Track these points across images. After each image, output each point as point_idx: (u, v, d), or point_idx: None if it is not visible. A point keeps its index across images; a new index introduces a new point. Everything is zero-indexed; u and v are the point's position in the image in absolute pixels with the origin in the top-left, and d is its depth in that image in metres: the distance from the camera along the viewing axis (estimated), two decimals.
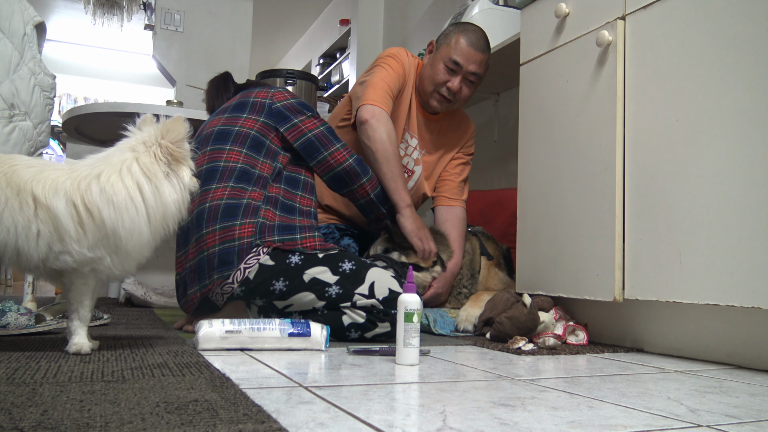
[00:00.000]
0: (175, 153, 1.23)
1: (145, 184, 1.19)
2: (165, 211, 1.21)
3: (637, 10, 1.58)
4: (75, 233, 1.14)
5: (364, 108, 1.97)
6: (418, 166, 2.23)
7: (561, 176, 1.78)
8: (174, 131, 1.24)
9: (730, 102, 1.34)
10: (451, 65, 2.08)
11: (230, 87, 1.93)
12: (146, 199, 1.19)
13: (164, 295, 2.61)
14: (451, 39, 2.11)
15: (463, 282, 2.09)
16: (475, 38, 2.09)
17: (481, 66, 2.11)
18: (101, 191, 1.15)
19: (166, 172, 1.23)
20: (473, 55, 2.08)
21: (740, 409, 0.91)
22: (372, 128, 1.93)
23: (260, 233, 1.56)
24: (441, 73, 2.10)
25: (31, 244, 1.12)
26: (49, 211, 1.12)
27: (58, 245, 1.14)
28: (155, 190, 1.20)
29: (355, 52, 5.06)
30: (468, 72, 2.09)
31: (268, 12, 6.60)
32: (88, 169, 1.18)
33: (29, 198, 1.12)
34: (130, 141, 1.25)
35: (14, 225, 1.11)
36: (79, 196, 1.14)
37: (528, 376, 1.14)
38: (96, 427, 0.66)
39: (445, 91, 2.11)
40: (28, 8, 2.12)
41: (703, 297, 1.36)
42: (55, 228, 1.13)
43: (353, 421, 0.75)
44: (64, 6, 6.37)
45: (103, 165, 1.19)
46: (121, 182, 1.17)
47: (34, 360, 1.10)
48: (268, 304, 1.58)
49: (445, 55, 2.09)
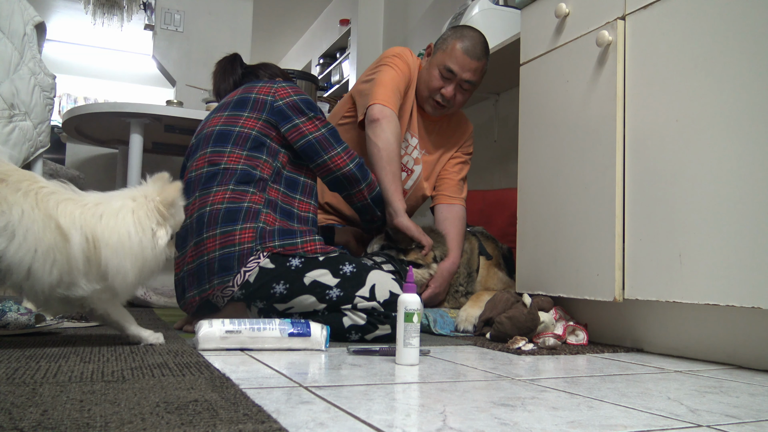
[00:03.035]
0: (161, 213, 1.29)
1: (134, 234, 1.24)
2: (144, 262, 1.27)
3: (637, 10, 1.58)
4: (84, 267, 1.19)
5: (374, 107, 1.97)
6: (417, 165, 2.23)
7: (561, 176, 1.78)
8: (168, 193, 1.30)
9: (730, 102, 1.34)
10: (446, 73, 2.08)
11: (237, 69, 1.91)
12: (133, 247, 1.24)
13: (164, 295, 2.61)
14: (448, 45, 2.10)
15: (459, 280, 2.09)
16: (471, 45, 2.08)
17: (476, 74, 2.11)
18: (103, 230, 1.21)
19: (154, 229, 1.28)
20: (468, 63, 2.07)
21: (740, 409, 0.91)
22: (381, 128, 1.93)
23: (260, 238, 1.56)
24: (436, 79, 2.10)
25: (46, 268, 1.16)
26: (68, 243, 1.17)
27: (67, 276, 1.18)
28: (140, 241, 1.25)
29: (355, 52, 5.06)
30: (462, 80, 2.09)
31: (268, 12, 6.60)
32: (94, 208, 1.23)
33: (53, 225, 1.16)
34: (134, 191, 1.31)
35: (36, 247, 1.14)
36: (90, 231, 1.19)
37: (528, 376, 1.14)
38: (96, 427, 0.66)
39: (439, 97, 2.12)
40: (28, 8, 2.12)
41: (703, 297, 1.36)
42: (68, 259, 1.17)
43: (353, 421, 0.75)
44: (64, 6, 6.37)
45: (105, 206, 1.25)
46: (116, 225, 1.23)
47: (34, 360, 1.10)
48: (269, 306, 1.57)
49: (441, 62, 2.10)
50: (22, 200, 1.15)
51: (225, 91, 1.88)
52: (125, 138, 2.87)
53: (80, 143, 3.41)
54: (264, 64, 1.97)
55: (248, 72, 1.92)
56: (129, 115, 2.67)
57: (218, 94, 1.92)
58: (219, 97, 1.91)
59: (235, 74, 1.90)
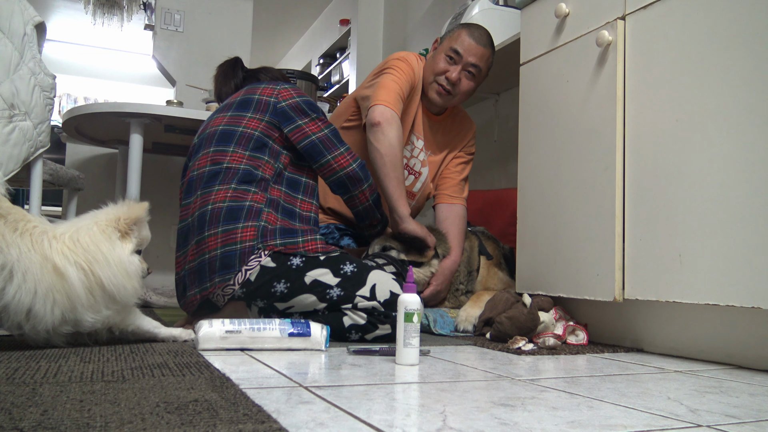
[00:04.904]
0: (122, 228, 1.31)
1: (104, 243, 1.27)
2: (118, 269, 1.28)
3: (637, 10, 1.58)
4: (87, 300, 1.21)
5: (375, 108, 1.95)
6: (425, 167, 2.23)
7: (561, 176, 1.78)
8: (133, 211, 1.33)
9: (730, 102, 1.34)
10: (452, 54, 2.09)
11: (239, 73, 1.92)
12: (107, 256, 1.26)
13: (164, 295, 2.61)
14: (455, 33, 2.13)
15: (459, 279, 2.09)
16: (477, 34, 2.11)
17: (482, 60, 2.11)
18: (92, 254, 1.23)
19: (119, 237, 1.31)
20: (474, 47, 2.08)
21: (740, 409, 0.91)
22: (383, 132, 1.92)
23: (262, 237, 1.56)
24: (441, 62, 2.11)
25: (47, 309, 1.17)
26: (66, 281, 1.18)
27: (71, 314, 1.20)
28: (111, 249, 1.27)
29: (355, 52, 5.06)
30: (468, 63, 2.09)
31: (268, 12, 6.60)
32: (71, 237, 1.24)
33: (50, 266, 1.18)
34: (98, 214, 1.33)
35: (35, 288, 1.16)
36: (82, 260, 1.21)
37: (528, 376, 1.14)
38: (96, 427, 0.66)
39: (444, 80, 2.10)
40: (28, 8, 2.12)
41: (703, 297, 1.36)
42: (68, 298, 1.19)
43: (353, 421, 0.75)
44: (64, 6, 6.36)
45: (80, 232, 1.26)
46: (94, 242, 1.25)
47: (34, 360, 1.10)
48: (269, 305, 1.58)
49: (447, 46, 2.11)
50: (19, 240, 1.16)
51: (226, 95, 1.89)
52: (125, 138, 2.87)
53: (80, 143, 3.41)
54: (265, 68, 1.97)
55: (249, 75, 1.92)
56: (129, 115, 2.67)
57: (220, 98, 1.92)
58: (220, 101, 1.91)
59: (237, 78, 1.91)
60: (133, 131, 2.69)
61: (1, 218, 1.16)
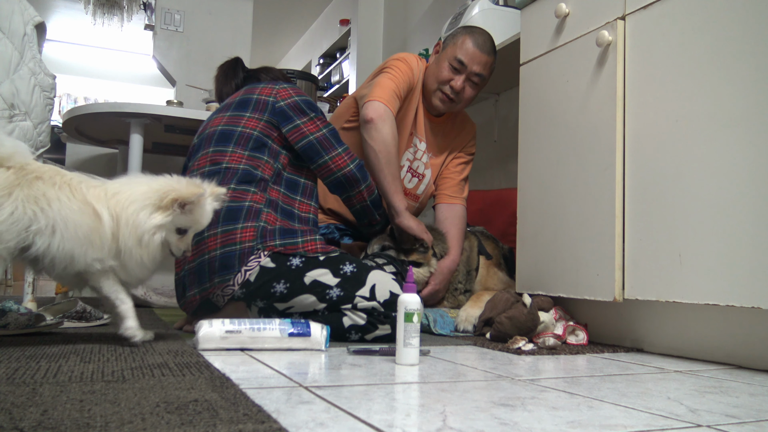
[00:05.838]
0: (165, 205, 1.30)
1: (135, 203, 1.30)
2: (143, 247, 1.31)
3: (637, 10, 1.58)
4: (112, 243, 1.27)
5: (369, 105, 1.95)
6: (428, 169, 2.23)
7: (561, 176, 1.78)
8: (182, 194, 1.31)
9: (730, 102, 1.34)
10: (456, 64, 2.08)
11: (239, 73, 1.92)
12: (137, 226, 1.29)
13: (164, 295, 2.61)
14: (458, 39, 2.11)
15: (458, 278, 2.09)
16: (481, 40, 2.10)
17: (486, 68, 2.11)
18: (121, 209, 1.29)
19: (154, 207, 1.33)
20: (478, 56, 2.08)
21: (740, 409, 0.91)
22: (376, 128, 1.92)
23: (261, 237, 1.56)
24: (445, 71, 2.10)
25: (85, 251, 1.24)
26: (101, 223, 1.25)
27: (99, 253, 1.26)
28: (136, 212, 1.30)
29: (355, 52, 5.06)
30: (472, 72, 2.09)
31: (268, 12, 6.60)
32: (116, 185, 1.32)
33: (90, 210, 1.25)
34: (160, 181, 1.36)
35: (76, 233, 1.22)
36: (114, 211, 1.27)
37: (528, 376, 1.14)
38: (96, 427, 0.66)
39: (448, 89, 2.10)
40: (28, 8, 2.12)
41: (703, 297, 1.36)
42: (101, 239, 1.25)
43: (353, 421, 0.75)
44: (64, 6, 6.36)
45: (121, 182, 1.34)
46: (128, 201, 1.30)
47: (34, 360, 1.10)
48: (269, 305, 1.58)
49: (451, 54, 2.10)
50: (59, 193, 1.23)
51: (227, 95, 1.89)
52: (125, 138, 2.87)
53: (80, 143, 3.41)
54: (265, 68, 1.97)
55: (250, 75, 1.92)
56: (129, 115, 2.67)
57: (220, 98, 1.92)
58: (221, 101, 1.92)
59: (237, 78, 1.91)
60: (133, 131, 2.69)
61: (38, 179, 1.22)
